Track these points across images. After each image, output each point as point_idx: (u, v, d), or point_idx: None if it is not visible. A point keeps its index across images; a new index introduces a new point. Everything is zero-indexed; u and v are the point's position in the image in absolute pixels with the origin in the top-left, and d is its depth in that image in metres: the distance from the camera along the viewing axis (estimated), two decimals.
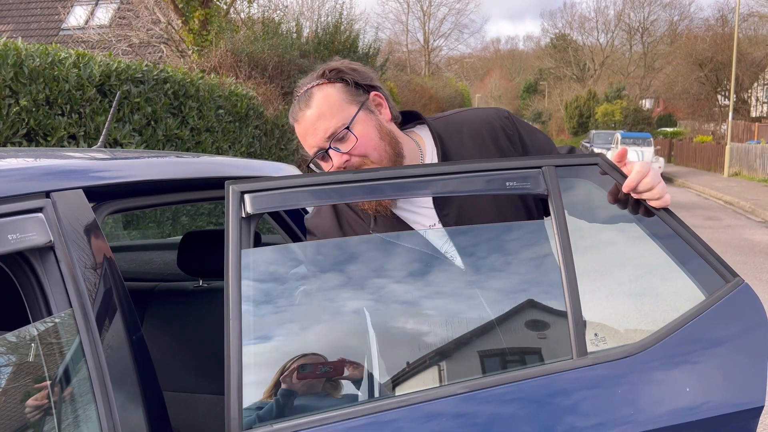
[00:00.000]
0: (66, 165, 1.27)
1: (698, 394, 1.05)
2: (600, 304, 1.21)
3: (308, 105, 1.31)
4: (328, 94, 1.32)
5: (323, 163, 1.33)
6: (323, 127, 1.30)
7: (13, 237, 0.94)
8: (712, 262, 1.14)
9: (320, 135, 1.30)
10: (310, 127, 1.31)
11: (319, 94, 1.32)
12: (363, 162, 1.31)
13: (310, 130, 1.31)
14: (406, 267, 1.30)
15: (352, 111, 1.32)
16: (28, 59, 4.04)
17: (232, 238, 1.08)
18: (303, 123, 1.32)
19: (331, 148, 1.29)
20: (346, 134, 1.30)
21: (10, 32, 13.35)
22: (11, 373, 0.97)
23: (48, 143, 4.19)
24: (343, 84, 1.33)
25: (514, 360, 1.27)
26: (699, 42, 28.12)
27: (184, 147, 5.68)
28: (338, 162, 1.30)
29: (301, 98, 1.33)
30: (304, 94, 1.33)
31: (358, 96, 1.34)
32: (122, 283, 1.12)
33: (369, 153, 1.32)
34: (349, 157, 1.30)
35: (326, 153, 1.30)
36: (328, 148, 1.30)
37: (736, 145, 20.34)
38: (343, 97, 1.32)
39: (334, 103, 1.31)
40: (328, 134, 1.29)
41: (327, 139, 1.30)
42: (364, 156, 1.31)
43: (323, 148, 1.30)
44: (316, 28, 11.40)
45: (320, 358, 1.27)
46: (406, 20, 39.30)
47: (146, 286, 2.25)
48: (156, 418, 1.07)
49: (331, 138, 1.29)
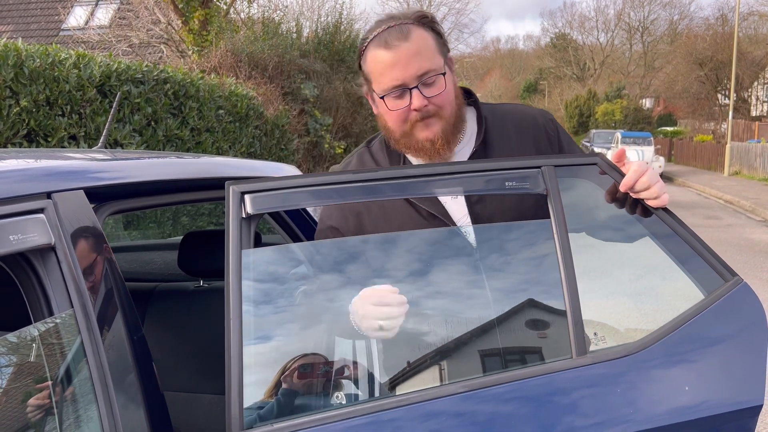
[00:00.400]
0: (67, 166, 1.27)
1: (697, 392, 1.05)
2: (600, 303, 1.21)
3: (406, 38, 1.28)
4: (425, 37, 1.30)
5: (395, 100, 1.30)
6: (417, 65, 1.27)
7: (14, 238, 0.94)
8: (711, 262, 1.14)
9: (412, 71, 1.27)
10: (404, 59, 1.27)
11: (418, 33, 1.30)
12: (435, 113, 1.30)
13: (403, 62, 1.27)
14: (405, 266, 1.30)
15: (441, 62, 1.31)
16: (29, 60, 4.04)
17: (232, 239, 1.08)
18: (396, 52, 1.27)
19: (418, 87, 1.27)
20: (436, 80, 1.29)
21: (11, 33, 13.35)
22: (13, 373, 0.97)
23: (48, 144, 4.19)
24: (435, 35, 1.33)
25: (513, 359, 1.28)
26: (699, 41, 28.11)
27: (185, 147, 5.69)
28: (418, 103, 1.28)
29: (395, 30, 1.29)
30: (399, 27, 1.29)
31: (444, 51, 1.34)
32: (123, 283, 1.12)
33: (446, 107, 1.31)
34: (428, 104, 1.29)
35: (410, 91, 1.28)
36: (414, 87, 1.27)
37: (736, 144, 20.33)
38: (436, 45, 1.32)
39: (431, 47, 1.30)
40: (420, 73, 1.27)
41: (418, 77, 1.27)
42: (441, 108, 1.30)
43: (407, 86, 1.28)
44: (316, 28, 11.40)
45: (321, 357, 1.27)
46: None
47: (147, 286, 2.26)
48: (157, 417, 1.08)
49: (421, 78, 1.27)
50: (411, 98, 1.28)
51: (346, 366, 1.30)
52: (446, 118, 1.31)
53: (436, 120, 1.31)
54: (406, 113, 1.30)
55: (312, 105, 9.34)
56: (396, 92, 1.29)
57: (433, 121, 1.31)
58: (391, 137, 1.37)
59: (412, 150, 1.36)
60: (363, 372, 1.32)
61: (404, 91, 1.28)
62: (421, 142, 1.32)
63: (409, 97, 1.28)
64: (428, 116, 1.30)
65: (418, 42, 1.28)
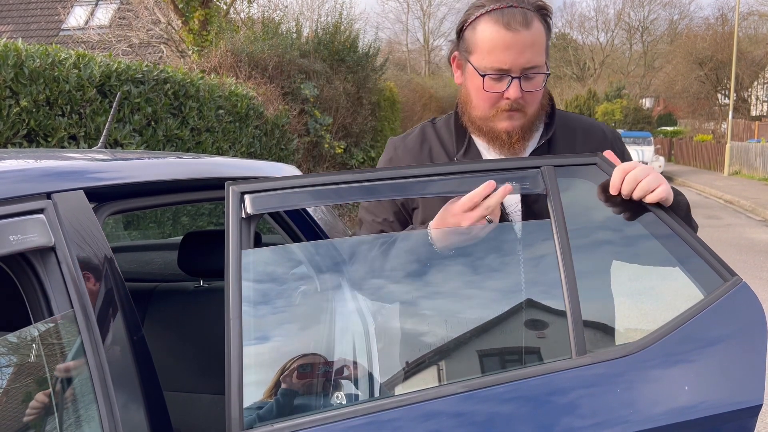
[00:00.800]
0: (67, 166, 1.27)
1: (697, 392, 1.05)
2: (598, 302, 1.21)
3: (528, 26, 1.25)
4: (540, 30, 1.28)
5: (492, 82, 1.27)
6: (529, 56, 1.25)
7: (14, 238, 0.94)
8: (710, 261, 1.14)
9: (522, 61, 1.25)
10: (519, 46, 1.24)
11: (537, 25, 1.27)
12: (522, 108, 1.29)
13: (517, 49, 1.24)
14: (405, 267, 1.30)
15: (545, 59, 1.29)
16: (29, 60, 4.04)
17: (232, 239, 1.08)
18: (515, 37, 1.24)
19: (520, 78, 1.26)
20: (538, 77, 1.27)
21: (10, 33, 13.35)
22: (13, 373, 0.97)
23: (48, 144, 4.19)
24: (546, 28, 1.30)
25: (513, 359, 1.28)
26: (699, 41, 28.11)
27: (185, 147, 5.69)
28: (515, 94, 1.26)
29: (519, 13, 1.25)
30: (523, 12, 1.26)
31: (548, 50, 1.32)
32: (123, 283, 1.12)
33: (534, 105, 1.31)
34: (521, 96, 1.27)
35: (511, 78, 1.26)
36: (517, 77, 1.25)
37: (736, 143, 20.33)
38: (545, 41, 1.30)
39: (542, 43, 1.29)
40: (529, 65, 1.26)
41: (524, 69, 1.26)
42: (529, 104, 1.30)
43: (510, 73, 1.25)
44: (316, 27, 11.40)
45: (320, 358, 1.27)
46: (406, 20, 39.33)
47: (147, 286, 2.26)
48: (157, 418, 1.08)
49: (526, 70, 1.26)
50: (509, 86, 1.26)
51: (346, 366, 1.30)
52: (529, 116, 1.31)
53: (520, 115, 1.30)
54: (498, 98, 1.28)
55: (312, 105, 9.34)
56: (497, 75, 1.26)
57: (517, 115, 1.30)
58: (470, 114, 1.35)
59: (485, 135, 1.34)
60: (363, 372, 1.32)
61: (504, 77, 1.26)
62: (497, 131, 1.31)
63: (507, 84, 1.26)
64: (515, 109, 1.29)
65: (535, 34, 1.26)
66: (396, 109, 14.04)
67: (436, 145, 1.41)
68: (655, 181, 1.16)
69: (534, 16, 1.27)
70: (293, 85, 9.03)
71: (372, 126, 12.07)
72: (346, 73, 10.85)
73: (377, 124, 12.46)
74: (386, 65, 13.41)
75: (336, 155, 10.19)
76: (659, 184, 1.16)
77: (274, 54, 8.76)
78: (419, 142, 1.43)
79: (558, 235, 1.12)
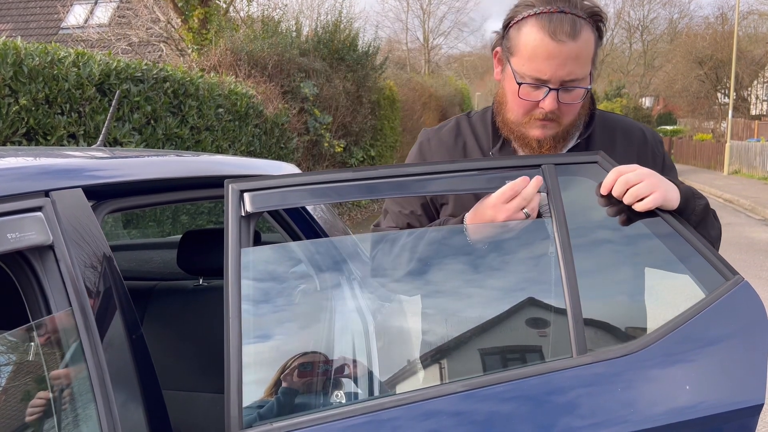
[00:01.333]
0: (65, 164, 1.27)
1: (698, 392, 1.05)
2: (599, 301, 1.21)
3: (575, 37, 1.18)
4: (590, 41, 1.21)
5: (529, 89, 1.22)
6: (570, 69, 1.18)
7: (12, 236, 0.94)
8: (712, 260, 1.14)
9: (562, 74, 1.18)
10: (561, 58, 1.17)
11: (586, 34, 1.20)
12: (557, 119, 1.24)
13: (559, 61, 1.17)
14: (406, 266, 1.30)
15: (589, 71, 1.23)
16: (28, 58, 4.03)
17: (231, 237, 1.08)
18: (559, 48, 1.17)
19: (558, 90, 1.20)
20: (577, 91, 1.21)
21: (10, 31, 13.33)
22: (11, 372, 0.97)
23: (48, 142, 4.19)
24: (597, 37, 1.23)
25: (514, 358, 1.27)
26: (699, 40, 28.10)
27: (184, 146, 5.68)
28: (551, 106, 1.21)
29: (568, 21, 1.17)
30: (573, 19, 1.18)
31: (596, 58, 1.25)
32: (122, 282, 1.12)
33: (570, 116, 1.25)
34: (557, 108, 1.22)
35: (549, 89, 1.20)
36: (555, 88, 1.20)
37: (735, 143, 20.34)
38: (592, 52, 1.22)
39: (589, 55, 1.22)
40: (569, 78, 1.19)
41: (564, 81, 1.19)
42: (565, 116, 1.25)
43: (548, 84, 1.20)
44: (315, 26, 11.39)
45: (321, 356, 1.27)
46: (406, 18, 39.30)
47: (146, 285, 2.25)
48: (156, 417, 1.07)
49: (566, 83, 1.20)
50: (545, 97, 1.21)
51: (346, 365, 1.30)
52: (564, 126, 1.27)
53: (554, 125, 1.26)
54: (533, 107, 1.23)
55: (311, 104, 9.33)
56: (535, 84, 1.21)
57: (551, 125, 1.26)
58: (504, 115, 1.31)
59: (516, 139, 1.31)
60: (362, 370, 1.32)
61: (542, 87, 1.21)
62: (528, 138, 1.28)
63: (543, 94, 1.21)
64: (550, 119, 1.24)
65: (581, 46, 1.19)
66: (396, 108, 14.03)
67: (471, 139, 1.38)
68: (648, 189, 1.12)
69: (584, 24, 1.19)
70: (293, 84, 9.02)
71: (371, 125, 12.06)
72: (345, 72, 10.85)
73: (377, 123, 12.45)
74: (386, 64, 13.40)
75: (336, 154, 10.19)
76: (651, 192, 1.12)
77: (274, 52, 8.75)
78: (454, 135, 1.39)
79: (558, 233, 1.12)
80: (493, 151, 1.35)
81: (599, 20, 1.23)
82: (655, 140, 1.40)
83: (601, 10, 1.23)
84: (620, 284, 1.27)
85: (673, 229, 1.16)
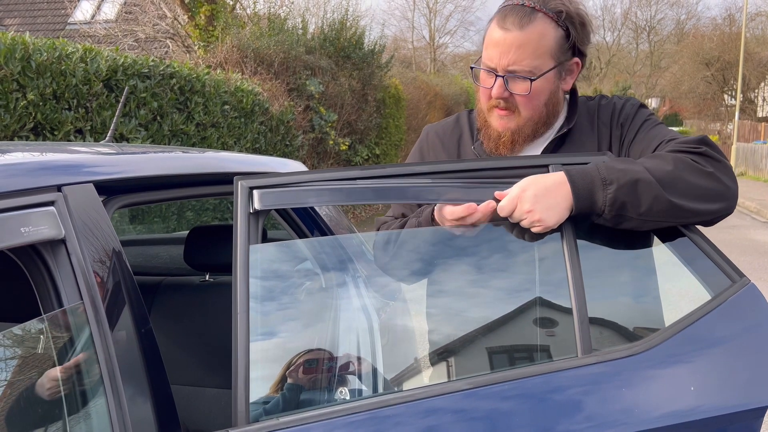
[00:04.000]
0: (77, 159, 1.28)
1: (703, 393, 1.05)
2: (605, 302, 1.21)
3: (522, 26, 1.20)
4: (544, 34, 1.22)
5: (485, 76, 1.26)
6: (513, 57, 1.21)
7: (25, 230, 0.95)
8: (718, 262, 1.14)
9: (505, 62, 1.22)
10: (505, 46, 1.21)
11: (540, 26, 1.21)
12: (514, 110, 1.25)
13: (503, 49, 1.21)
14: (409, 266, 1.31)
15: (547, 65, 1.23)
16: (36, 54, 4.05)
17: (240, 234, 1.09)
18: (504, 36, 1.21)
19: (504, 77, 1.23)
20: (522, 81, 1.23)
21: (17, 27, 13.38)
22: (23, 364, 0.98)
23: (55, 137, 4.20)
24: (563, 35, 1.24)
25: (519, 357, 1.28)
26: (706, 41, 27.97)
27: (190, 142, 5.69)
28: (496, 92, 1.24)
29: (519, 12, 1.21)
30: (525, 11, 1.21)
31: (562, 55, 1.25)
32: (131, 276, 1.13)
33: (528, 108, 1.25)
34: (508, 96, 1.24)
35: (496, 76, 1.23)
36: (501, 75, 1.23)
37: (742, 145, 20.24)
38: (553, 47, 1.23)
39: (543, 48, 1.22)
40: (511, 68, 1.22)
41: (507, 70, 1.22)
42: (522, 107, 1.25)
43: (495, 70, 1.23)
44: (321, 24, 11.38)
45: (326, 353, 1.28)
46: (412, 17, 39.25)
47: (153, 280, 2.27)
48: (164, 410, 1.08)
49: (511, 72, 1.22)
50: (494, 84, 1.24)
51: (350, 362, 1.31)
52: (524, 120, 1.26)
53: (512, 116, 1.27)
54: (489, 93, 1.27)
55: (317, 101, 9.33)
56: (486, 70, 1.25)
57: (509, 116, 1.27)
58: (477, 106, 1.34)
59: (483, 129, 1.32)
60: (367, 367, 1.32)
61: (491, 73, 1.25)
62: (491, 129, 1.29)
63: (493, 81, 1.24)
64: (506, 108, 1.26)
65: (530, 36, 1.20)
66: (401, 107, 14.01)
67: (467, 132, 1.41)
68: (529, 223, 1.09)
69: (541, 17, 1.21)
70: (298, 82, 9.03)
71: (377, 123, 12.05)
72: (351, 70, 10.84)
73: (382, 122, 12.44)
74: (391, 62, 13.38)
75: (340, 152, 10.19)
76: (532, 224, 1.08)
77: (280, 50, 8.76)
78: (451, 128, 1.43)
79: (564, 234, 1.12)
80: (475, 144, 1.37)
81: (568, 19, 1.23)
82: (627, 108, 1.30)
83: (568, 9, 1.23)
84: (625, 285, 1.28)
85: (679, 230, 1.16)
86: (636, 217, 1.09)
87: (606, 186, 1.08)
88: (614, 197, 1.08)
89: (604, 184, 1.08)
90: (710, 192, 1.11)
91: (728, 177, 1.13)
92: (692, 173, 1.10)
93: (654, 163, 1.10)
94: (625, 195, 1.08)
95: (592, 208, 1.09)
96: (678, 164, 1.10)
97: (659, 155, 1.13)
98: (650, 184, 1.08)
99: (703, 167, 1.11)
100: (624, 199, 1.08)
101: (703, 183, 1.10)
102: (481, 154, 1.34)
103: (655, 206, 1.08)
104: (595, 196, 1.09)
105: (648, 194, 1.08)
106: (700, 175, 1.11)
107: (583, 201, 1.09)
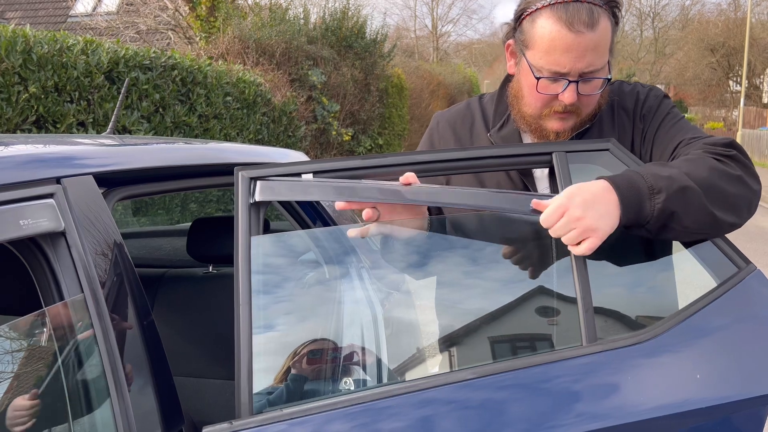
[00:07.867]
0: (76, 151, 1.27)
1: (709, 381, 1.05)
2: (610, 290, 1.20)
3: (593, 27, 1.13)
4: (607, 29, 1.16)
5: (547, 83, 1.18)
6: (590, 60, 1.14)
7: (24, 223, 0.94)
8: (724, 249, 1.13)
9: (581, 65, 1.14)
10: (580, 50, 1.13)
11: (604, 23, 1.15)
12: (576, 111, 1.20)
13: (578, 53, 1.13)
14: (408, 258, 1.30)
15: (607, 60, 1.18)
16: (37, 46, 4.04)
17: (241, 225, 1.08)
18: (577, 39, 1.12)
19: (578, 82, 1.15)
20: (597, 81, 1.17)
21: (19, 20, 13.35)
22: (24, 358, 0.98)
23: (57, 130, 4.20)
24: (613, 24, 1.18)
25: (523, 347, 1.27)
26: (711, 27, 27.76)
27: (192, 134, 5.69)
28: (570, 98, 1.16)
29: (585, 10, 1.13)
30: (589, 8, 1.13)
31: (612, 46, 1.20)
32: (133, 268, 1.13)
33: (590, 107, 1.21)
34: (577, 100, 1.18)
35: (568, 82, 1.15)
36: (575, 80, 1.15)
37: (747, 131, 20.14)
38: (610, 40, 1.17)
39: (606, 44, 1.17)
40: (588, 70, 1.15)
41: (583, 73, 1.15)
42: (585, 107, 1.21)
43: (567, 76, 1.15)
44: (323, 14, 11.32)
45: (330, 343, 1.27)
46: (414, 5, 39.05)
47: (156, 272, 2.27)
48: (167, 402, 1.08)
49: (585, 75, 1.16)
50: (565, 90, 1.16)
51: (354, 352, 1.30)
52: (582, 117, 1.23)
53: (573, 117, 1.22)
54: (551, 100, 1.19)
55: (319, 92, 9.30)
56: (553, 77, 1.17)
57: (570, 117, 1.22)
58: (520, 109, 1.26)
59: (531, 131, 1.26)
60: (371, 358, 1.32)
61: (561, 80, 1.16)
62: (546, 131, 1.23)
63: (563, 87, 1.16)
64: (569, 111, 1.20)
65: (600, 35, 1.14)
66: (404, 96, 13.96)
67: (479, 119, 1.36)
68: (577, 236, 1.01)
69: (601, 12, 1.15)
70: (301, 72, 8.99)
71: (380, 113, 12.01)
72: (353, 60, 10.79)
73: (385, 111, 12.40)
74: (394, 52, 13.32)
75: (343, 142, 10.17)
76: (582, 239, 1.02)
77: (282, 40, 8.72)
78: (461, 116, 1.38)
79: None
80: (491, 131, 1.32)
81: (615, 6, 1.19)
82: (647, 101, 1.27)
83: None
84: (630, 273, 1.27)
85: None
86: (680, 228, 1.05)
87: (654, 195, 1.03)
88: (663, 207, 1.02)
89: (651, 193, 1.03)
90: (741, 201, 1.09)
91: (755, 180, 1.11)
92: (727, 181, 1.07)
93: (691, 167, 1.06)
94: (675, 205, 1.03)
95: (637, 218, 1.03)
96: (713, 171, 1.07)
97: (693, 159, 1.09)
98: (696, 192, 1.04)
99: (733, 172, 1.08)
100: (674, 209, 1.03)
101: (734, 191, 1.07)
102: (497, 142, 1.30)
103: (700, 217, 1.04)
104: (642, 204, 1.03)
105: (694, 204, 1.04)
106: (733, 183, 1.08)
107: (630, 210, 1.03)
